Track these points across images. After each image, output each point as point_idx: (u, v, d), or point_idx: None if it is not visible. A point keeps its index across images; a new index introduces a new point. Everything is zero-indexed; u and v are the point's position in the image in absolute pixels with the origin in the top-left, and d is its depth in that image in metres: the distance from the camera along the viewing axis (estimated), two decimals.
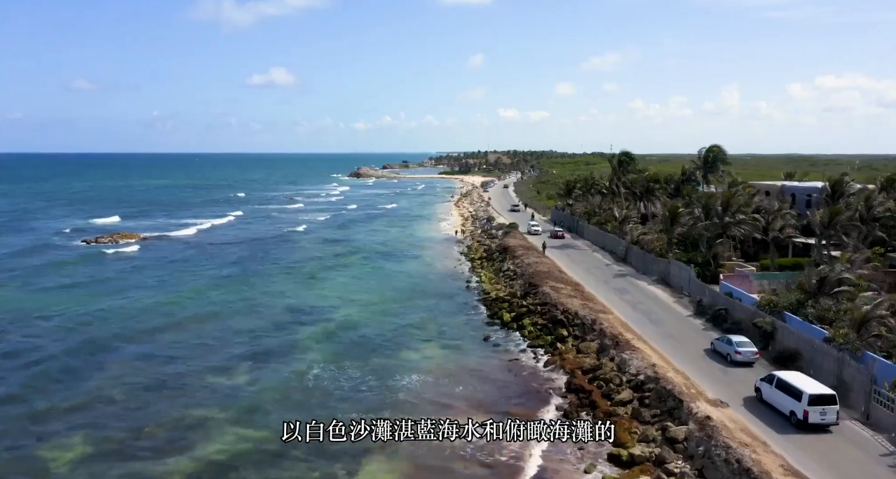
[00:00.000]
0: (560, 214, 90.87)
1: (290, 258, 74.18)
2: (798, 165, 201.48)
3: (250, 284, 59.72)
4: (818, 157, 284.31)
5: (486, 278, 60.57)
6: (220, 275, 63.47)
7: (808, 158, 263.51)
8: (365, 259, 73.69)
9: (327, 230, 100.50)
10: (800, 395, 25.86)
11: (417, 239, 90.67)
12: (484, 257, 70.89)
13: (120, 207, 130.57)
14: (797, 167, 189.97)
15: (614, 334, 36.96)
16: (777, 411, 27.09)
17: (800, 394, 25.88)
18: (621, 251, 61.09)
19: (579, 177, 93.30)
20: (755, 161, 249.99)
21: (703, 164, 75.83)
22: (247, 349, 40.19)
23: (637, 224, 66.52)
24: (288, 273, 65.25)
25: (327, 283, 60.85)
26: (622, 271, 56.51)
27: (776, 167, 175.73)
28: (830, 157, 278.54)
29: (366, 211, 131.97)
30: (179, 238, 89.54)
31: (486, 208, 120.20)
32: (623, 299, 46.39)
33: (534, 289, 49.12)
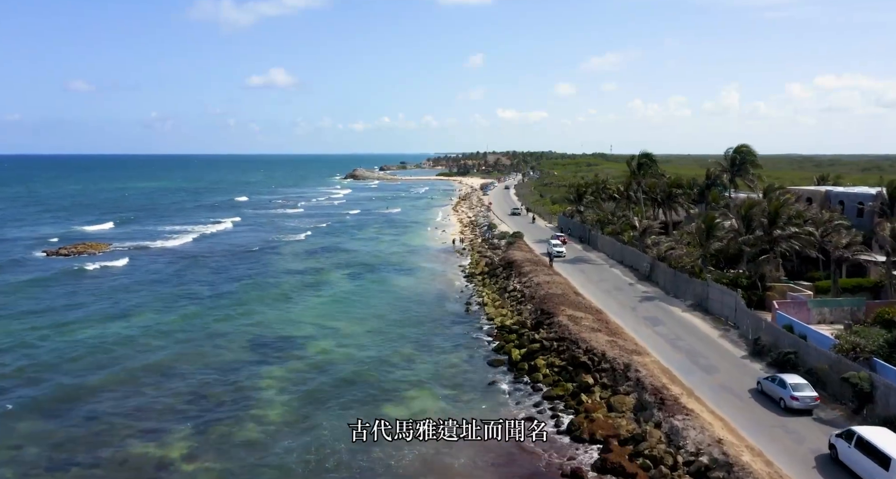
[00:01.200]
0: (568, 222, 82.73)
1: (269, 273, 66.03)
2: (801, 166, 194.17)
3: (216, 307, 51.48)
4: (819, 157, 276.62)
5: (489, 298, 52.46)
6: (182, 296, 55.20)
7: (810, 158, 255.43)
8: (352, 275, 65.47)
9: (315, 239, 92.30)
10: (888, 462, 20.66)
11: (412, 249, 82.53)
12: (486, 272, 62.73)
13: (105, 213, 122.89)
14: (800, 166, 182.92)
15: (656, 387, 28.82)
16: (857, 476, 21.96)
17: (888, 461, 20.66)
18: (645, 268, 52.94)
19: (589, 181, 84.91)
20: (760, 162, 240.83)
21: (729, 166, 67.80)
22: (189, 404, 31.95)
23: (660, 235, 58.44)
24: (263, 292, 57.03)
25: (305, 305, 52.69)
26: (648, 292, 48.34)
27: (779, 169, 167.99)
28: (830, 157, 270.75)
29: (358, 216, 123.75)
30: (154, 249, 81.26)
31: (486, 214, 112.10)
32: (657, 332, 38.22)
33: (547, 318, 40.94)
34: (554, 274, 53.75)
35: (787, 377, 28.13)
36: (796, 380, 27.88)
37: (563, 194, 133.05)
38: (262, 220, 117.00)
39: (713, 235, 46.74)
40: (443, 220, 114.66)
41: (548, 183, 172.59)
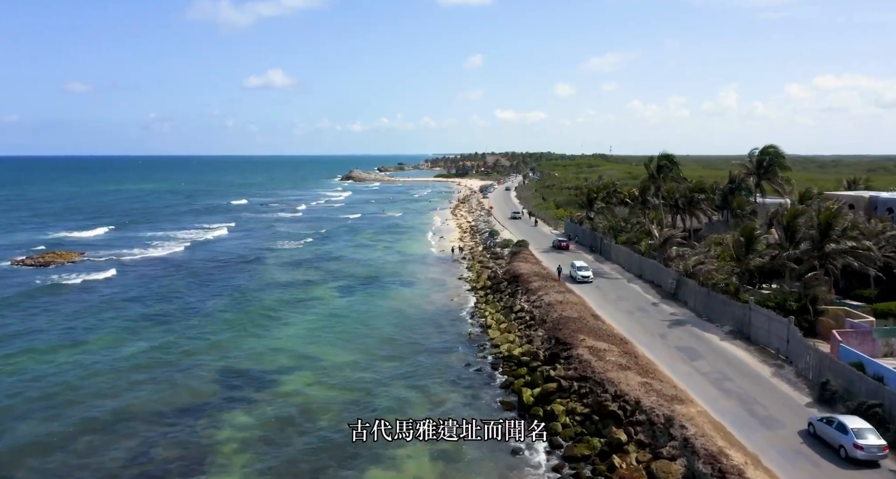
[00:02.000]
0: (576, 229, 76.53)
1: (254, 287, 59.88)
2: (804, 166, 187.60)
3: (186, 332, 45.30)
4: (821, 157, 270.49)
5: (494, 318, 46.39)
6: (150, 317, 49.00)
7: (811, 159, 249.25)
8: (342, 289, 59.33)
9: (308, 246, 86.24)
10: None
11: (408, 258, 76.46)
12: (489, 286, 56.61)
13: (94, 218, 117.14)
14: (804, 168, 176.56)
15: (711, 453, 22.71)
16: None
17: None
18: (670, 285, 46.77)
19: (598, 183, 78.78)
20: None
21: (755, 168, 61.70)
22: (124, 468, 25.76)
23: (683, 246, 52.32)
24: (242, 311, 50.93)
25: (287, 328, 46.56)
26: (677, 315, 42.17)
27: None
28: (832, 158, 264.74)
29: (354, 222, 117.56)
30: (134, 259, 74.93)
31: (486, 218, 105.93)
32: (697, 369, 32.08)
33: (564, 349, 34.81)
34: (566, 291, 47.59)
35: (848, 421, 23.52)
36: (859, 424, 23.30)
37: (567, 197, 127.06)
38: (257, 225, 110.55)
39: (753, 249, 40.62)
40: (441, 225, 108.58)
41: (550, 185, 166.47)
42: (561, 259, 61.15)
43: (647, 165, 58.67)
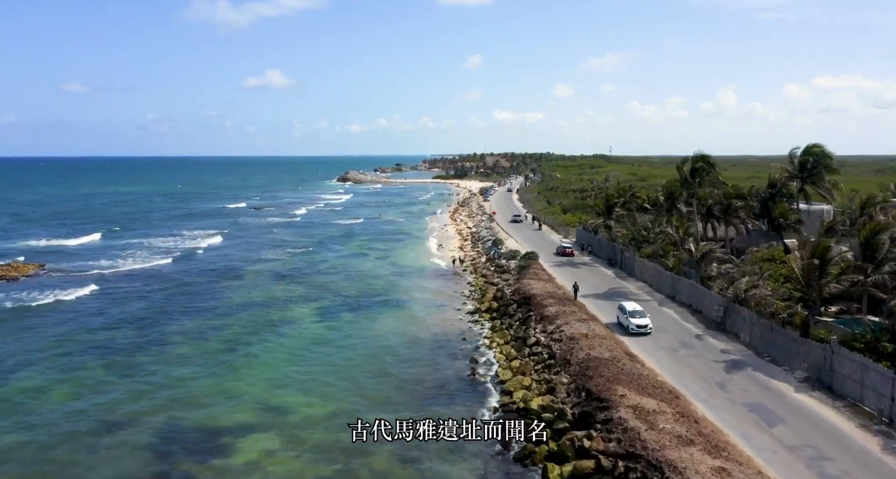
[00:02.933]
0: (590, 238, 68.60)
1: (224, 308, 52.09)
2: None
3: (129, 369, 37.46)
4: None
5: (503, 352, 38.61)
6: (90, 349, 41.09)
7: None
8: (325, 311, 51.46)
9: (292, 256, 78.36)
10: None
11: (403, 270, 68.60)
12: (495, 309, 48.78)
13: (79, 224, 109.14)
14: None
15: None
16: None
17: None
18: (716, 313, 38.83)
19: (620, 188, 70.85)
20: (764, 163, 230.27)
21: (798, 171, 53.99)
22: None
23: (724, 262, 44.46)
24: (201, 342, 43.06)
25: (254, 364, 38.61)
26: (731, 352, 34.26)
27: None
28: (834, 158, 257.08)
29: (346, 227, 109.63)
30: (99, 273, 66.67)
31: (489, 224, 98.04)
32: (780, 440, 24.19)
33: (600, 407, 26.95)
34: (589, 319, 39.69)
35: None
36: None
37: (573, 201, 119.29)
38: (249, 233, 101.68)
39: (827, 273, 32.79)
40: (440, 231, 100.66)
41: (553, 187, 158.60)
42: (577, 275, 53.39)
43: (679, 168, 50.79)
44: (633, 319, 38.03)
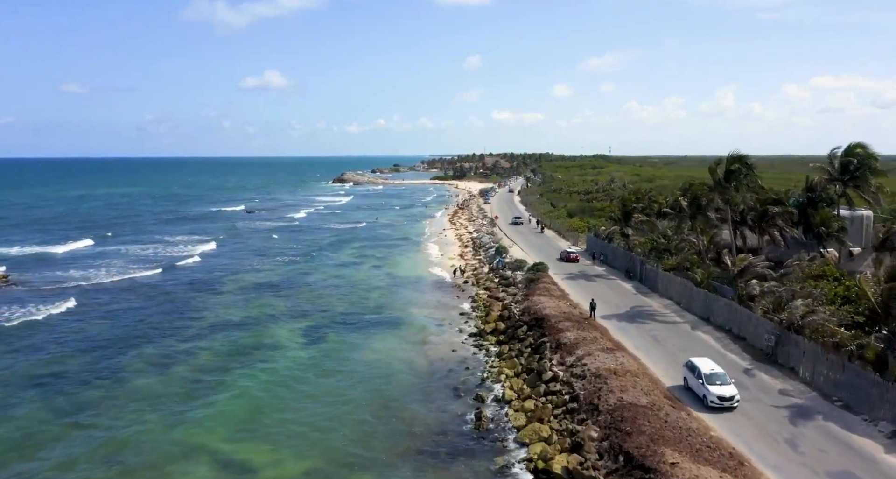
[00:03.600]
0: (603, 246, 62.61)
1: (193, 330, 46.24)
2: (804, 168, 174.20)
3: (65, 414, 31.56)
4: (820, 158, 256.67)
5: (514, 387, 32.82)
6: (25, 384, 35.13)
7: (810, 159, 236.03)
8: (307, 332, 45.54)
9: (281, 265, 72.60)
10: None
11: (398, 281, 62.76)
12: (502, 331, 42.87)
13: (65, 229, 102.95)
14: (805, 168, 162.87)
15: None
16: None
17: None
18: (767, 342, 32.82)
19: (637, 192, 64.84)
20: (766, 163, 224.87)
21: (839, 173, 48.15)
22: None
23: (766, 279, 38.56)
24: (162, 373, 37.19)
25: (214, 404, 32.65)
26: (792, 394, 28.28)
27: (791, 170, 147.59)
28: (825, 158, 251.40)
29: (341, 232, 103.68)
30: (64, 286, 60.68)
31: (491, 229, 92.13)
32: None
33: (640, 472, 21.04)
34: (614, 348, 33.77)
35: None
36: None
37: (579, 204, 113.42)
38: (243, 239, 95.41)
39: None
40: (438, 236, 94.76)
41: (556, 189, 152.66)
42: (593, 290, 47.58)
43: (711, 169, 44.80)
44: (713, 386, 26.84)
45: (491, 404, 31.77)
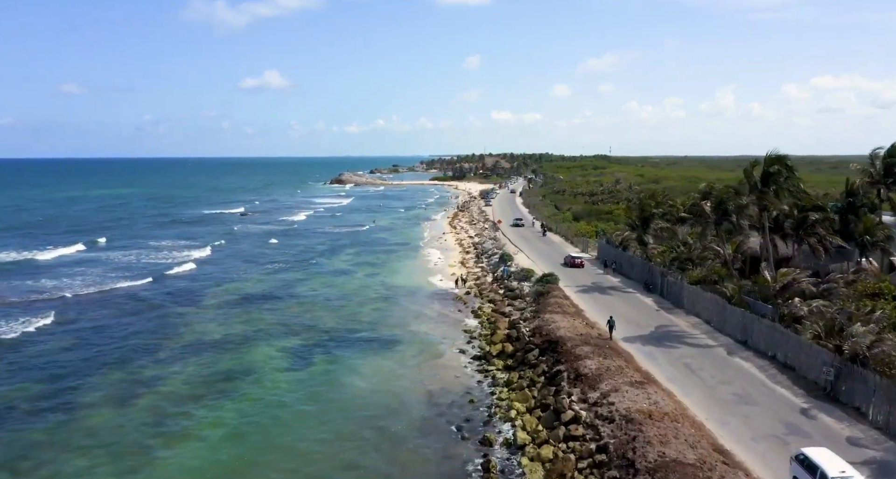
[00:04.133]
0: (617, 254, 57.80)
1: (166, 353, 41.45)
2: (818, 169, 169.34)
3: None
4: (820, 158, 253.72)
5: (528, 426, 28.13)
6: None
7: (809, 159, 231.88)
8: (291, 354, 40.75)
9: (271, 273, 67.98)
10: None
11: (394, 293, 58.05)
12: (510, 353, 38.10)
13: (50, 234, 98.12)
14: (817, 169, 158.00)
15: None
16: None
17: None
18: (825, 376, 27.90)
19: (656, 195, 60.02)
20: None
21: (882, 175, 43.38)
22: None
23: (814, 297, 33.78)
24: (125, 405, 32.44)
25: (177, 443, 27.94)
26: (865, 444, 23.49)
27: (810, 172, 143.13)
28: (835, 158, 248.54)
29: (340, 236, 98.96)
30: (35, 297, 56.21)
31: (493, 234, 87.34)
32: None
33: None
34: (645, 382, 28.96)
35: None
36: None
37: (583, 206, 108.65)
38: (240, 244, 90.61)
39: None
40: (438, 241, 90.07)
41: (559, 190, 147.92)
42: (610, 305, 42.88)
43: (747, 172, 39.93)
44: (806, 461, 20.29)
45: (500, 448, 27.03)
